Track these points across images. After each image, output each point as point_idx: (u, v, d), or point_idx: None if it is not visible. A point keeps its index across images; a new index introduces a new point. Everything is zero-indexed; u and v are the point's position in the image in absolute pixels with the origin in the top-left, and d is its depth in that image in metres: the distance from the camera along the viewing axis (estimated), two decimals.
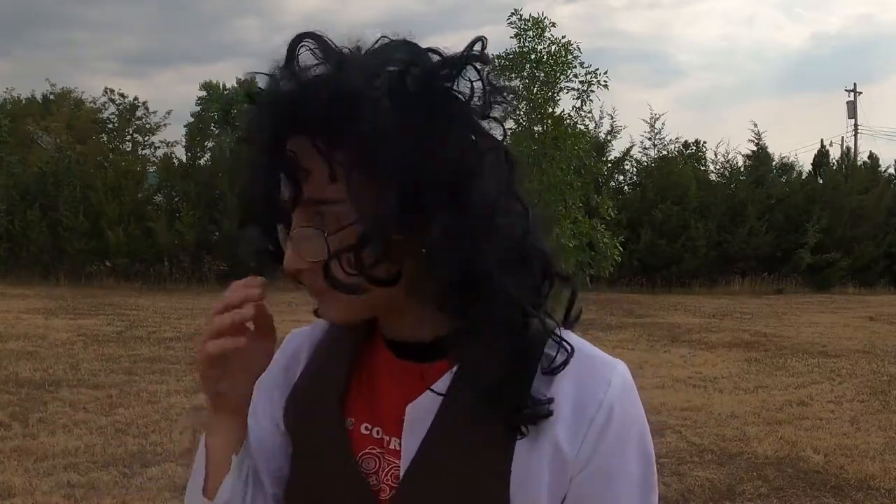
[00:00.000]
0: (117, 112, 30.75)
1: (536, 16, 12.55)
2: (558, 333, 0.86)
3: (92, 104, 31.28)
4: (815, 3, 78.00)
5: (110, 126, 29.81)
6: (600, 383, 0.85)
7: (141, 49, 58.88)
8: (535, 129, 12.61)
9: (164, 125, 31.93)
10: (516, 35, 12.62)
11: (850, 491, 4.81)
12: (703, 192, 20.21)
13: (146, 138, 30.42)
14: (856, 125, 32.29)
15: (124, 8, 61.70)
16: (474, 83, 0.81)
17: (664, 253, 19.15)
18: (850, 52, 74.43)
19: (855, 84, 33.43)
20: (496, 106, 0.83)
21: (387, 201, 0.77)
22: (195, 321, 11.42)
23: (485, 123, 0.83)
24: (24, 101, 31.16)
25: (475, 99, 0.81)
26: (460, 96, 0.81)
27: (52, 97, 32.08)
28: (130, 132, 29.88)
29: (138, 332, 10.23)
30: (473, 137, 0.81)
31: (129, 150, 24.76)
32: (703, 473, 5.04)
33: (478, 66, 0.82)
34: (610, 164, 20.14)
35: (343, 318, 0.88)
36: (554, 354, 0.85)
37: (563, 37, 12.55)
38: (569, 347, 0.86)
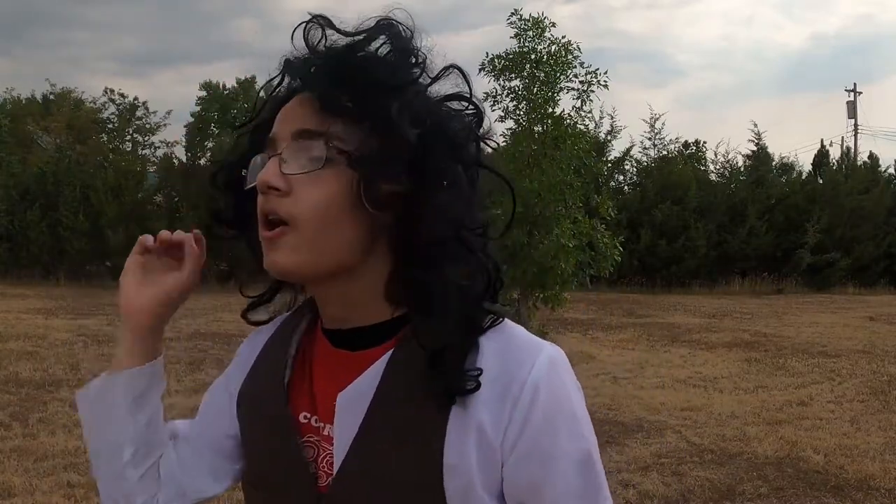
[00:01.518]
0: (117, 112, 30.65)
1: (536, 16, 12.52)
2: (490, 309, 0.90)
3: (92, 104, 31.21)
4: (815, 3, 78.03)
5: (110, 126, 29.73)
6: (524, 364, 0.85)
7: (141, 49, 58.79)
8: (535, 129, 12.59)
9: (164, 125, 31.82)
10: (516, 35, 12.59)
11: (850, 491, 4.81)
12: (703, 192, 20.22)
13: (146, 138, 30.34)
14: (856, 125, 32.28)
15: (124, 8, 61.69)
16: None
17: (664, 253, 19.15)
18: (849, 52, 74.51)
19: (855, 84, 33.43)
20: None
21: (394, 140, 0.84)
22: (195, 321, 11.43)
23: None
24: (24, 101, 31.10)
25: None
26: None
27: (52, 97, 32.03)
28: (130, 132, 29.80)
29: None
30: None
31: (129, 150, 24.73)
32: (703, 473, 5.04)
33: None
34: (610, 164, 20.14)
35: (289, 261, 0.86)
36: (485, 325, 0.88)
37: (563, 37, 12.51)
38: (494, 315, 0.88)
